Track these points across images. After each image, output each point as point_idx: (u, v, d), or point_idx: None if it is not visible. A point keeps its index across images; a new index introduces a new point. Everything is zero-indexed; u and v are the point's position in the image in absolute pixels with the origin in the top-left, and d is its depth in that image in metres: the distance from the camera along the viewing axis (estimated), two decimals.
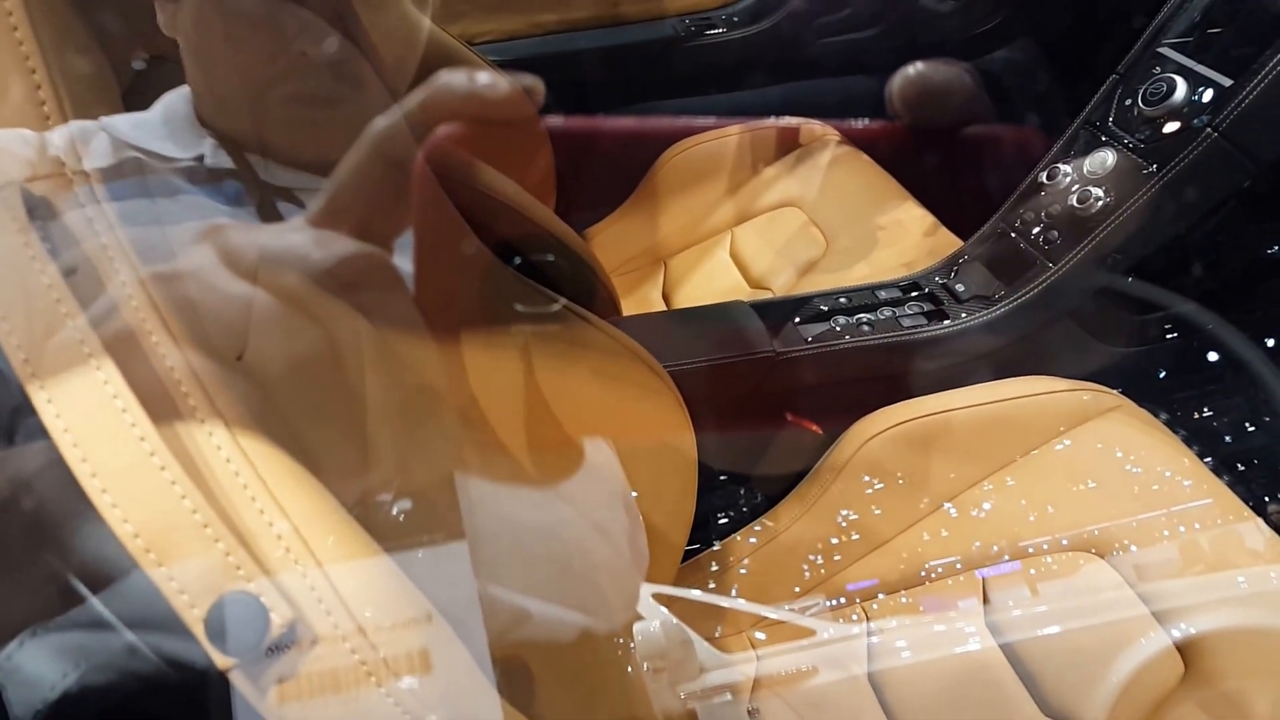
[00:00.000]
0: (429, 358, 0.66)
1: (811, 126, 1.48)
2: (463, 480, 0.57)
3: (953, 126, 1.27)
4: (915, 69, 1.30)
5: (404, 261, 0.57)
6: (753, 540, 0.93)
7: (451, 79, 0.55)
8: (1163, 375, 1.05)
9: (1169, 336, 1.05)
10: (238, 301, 0.41)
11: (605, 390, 0.78)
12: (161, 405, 0.31)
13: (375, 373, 0.56)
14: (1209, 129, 0.91)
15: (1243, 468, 1.03)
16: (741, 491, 1.01)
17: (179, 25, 0.62)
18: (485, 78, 0.58)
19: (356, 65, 0.63)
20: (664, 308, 1.36)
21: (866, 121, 1.49)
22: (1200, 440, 0.94)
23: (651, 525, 0.80)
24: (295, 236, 0.47)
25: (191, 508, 0.30)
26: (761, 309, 1.02)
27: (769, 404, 1.00)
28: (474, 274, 0.75)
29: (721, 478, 1.01)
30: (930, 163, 1.31)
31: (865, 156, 1.43)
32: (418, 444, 0.58)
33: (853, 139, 1.46)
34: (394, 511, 0.48)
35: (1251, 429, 1.07)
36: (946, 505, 0.88)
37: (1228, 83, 0.92)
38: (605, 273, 1.05)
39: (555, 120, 1.43)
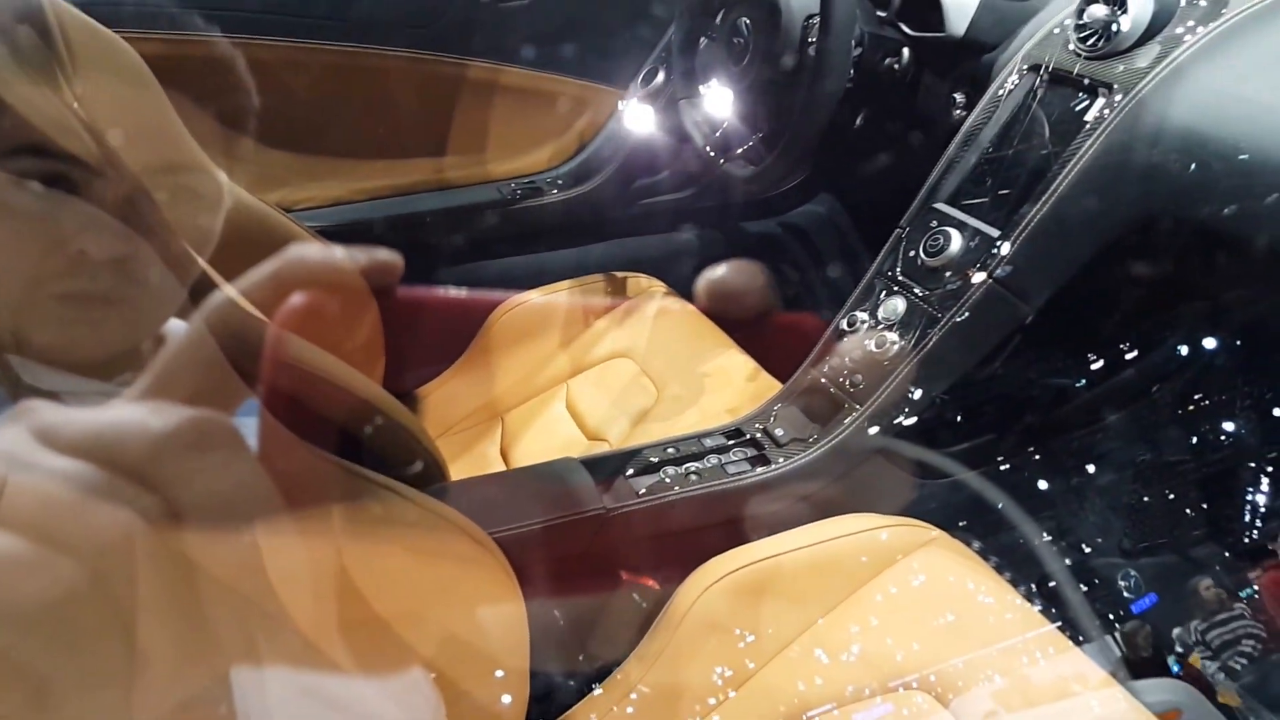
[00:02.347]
0: (239, 545, 0.62)
1: (639, 279, 1.54)
2: (251, 697, 0.52)
3: (751, 319, 1.38)
4: (717, 272, 1.44)
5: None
6: (597, 709, 0.89)
7: (296, 254, 0.55)
8: (971, 505, 1.10)
9: (975, 469, 1.11)
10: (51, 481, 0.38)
11: (421, 566, 0.75)
12: None
13: (165, 568, 0.53)
14: (983, 276, 1.00)
15: (1052, 594, 1.08)
16: (580, 657, 0.98)
17: None
18: (318, 251, 0.58)
19: (140, 260, 0.61)
20: (502, 464, 1.35)
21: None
22: (1012, 567, 0.99)
23: (483, 703, 0.76)
24: (126, 410, 0.46)
25: None
26: (592, 464, 1.02)
27: (604, 562, 0.99)
28: (279, 454, 0.72)
29: (559, 643, 0.98)
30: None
31: (691, 306, 1.49)
32: (204, 652, 0.53)
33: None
34: None
35: (1060, 555, 1.14)
36: (818, 651, 0.88)
37: (995, 233, 1.01)
38: (429, 439, 1.03)
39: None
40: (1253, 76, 0.89)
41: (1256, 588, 1.24)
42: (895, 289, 1.08)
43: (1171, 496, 1.32)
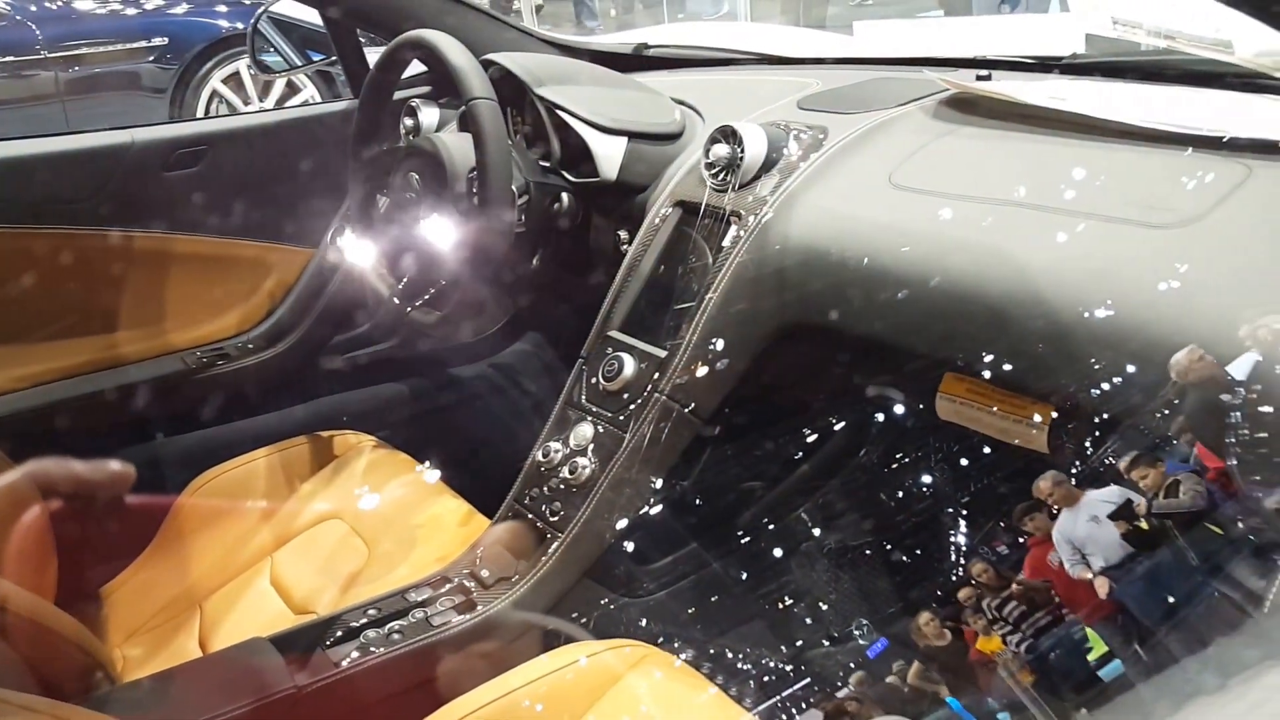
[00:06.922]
0: None
1: (346, 436, 1.49)
2: None
3: None
4: None
5: None
6: None
7: None
8: (686, 613, 1.13)
9: (687, 576, 1.15)
10: None
11: None
12: None
13: None
14: (656, 394, 1.06)
15: (767, 697, 1.12)
16: None
17: None
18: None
19: None
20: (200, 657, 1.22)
21: None
22: (724, 676, 1.01)
23: None
24: None
25: None
26: (284, 641, 0.96)
27: None
28: None
29: None
30: None
31: (403, 455, 1.45)
32: None
33: None
34: None
35: (778, 645, 1.18)
36: None
37: (662, 354, 1.09)
38: (91, 643, 0.93)
39: (51, 474, 1.29)
40: (851, 195, 1.03)
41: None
42: (585, 416, 1.12)
43: (885, 556, 1.38)
